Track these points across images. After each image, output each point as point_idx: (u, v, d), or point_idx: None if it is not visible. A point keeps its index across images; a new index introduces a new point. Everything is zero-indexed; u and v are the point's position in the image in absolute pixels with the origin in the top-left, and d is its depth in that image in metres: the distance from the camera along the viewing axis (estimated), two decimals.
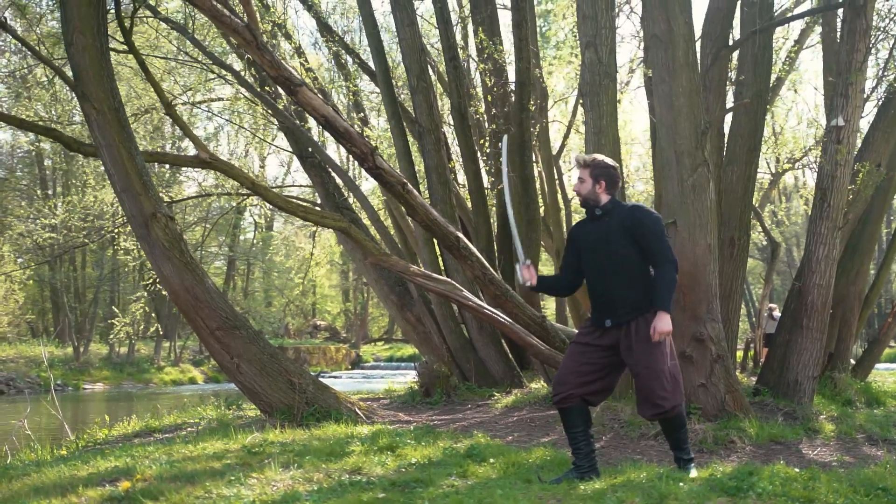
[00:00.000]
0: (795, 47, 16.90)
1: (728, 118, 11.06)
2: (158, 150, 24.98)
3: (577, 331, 5.93)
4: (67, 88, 14.21)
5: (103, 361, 32.59)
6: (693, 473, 5.43)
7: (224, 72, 15.06)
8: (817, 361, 9.20)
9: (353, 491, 4.90)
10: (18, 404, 20.80)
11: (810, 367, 9.11)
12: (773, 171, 21.47)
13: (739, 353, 13.87)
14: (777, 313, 15.62)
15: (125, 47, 9.67)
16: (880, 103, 10.88)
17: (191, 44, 14.71)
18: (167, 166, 30.01)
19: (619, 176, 5.70)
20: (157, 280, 9.08)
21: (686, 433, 5.68)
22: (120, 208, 12.42)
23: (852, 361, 12.37)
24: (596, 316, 5.64)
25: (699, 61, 9.13)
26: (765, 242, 28.46)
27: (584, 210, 5.79)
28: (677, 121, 8.19)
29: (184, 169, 30.83)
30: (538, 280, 5.89)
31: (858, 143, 10.42)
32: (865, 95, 9.57)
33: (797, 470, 5.59)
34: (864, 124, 11.25)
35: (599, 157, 5.71)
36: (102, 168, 9.44)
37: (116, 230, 18.71)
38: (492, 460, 6.01)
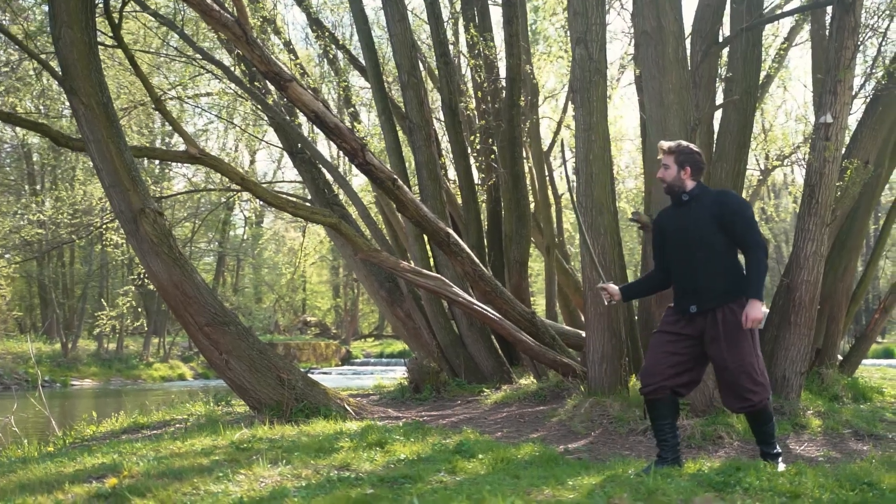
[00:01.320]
0: (785, 44, 16.97)
1: (717, 115, 11.08)
2: (147, 145, 24.94)
3: (659, 322, 5.83)
4: (55, 83, 14.15)
5: (91, 357, 32.46)
6: (781, 468, 5.43)
7: (213, 67, 15.02)
8: (805, 357, 9.23)
9: (342, 487, 4.90)
10: (6, 400, 20.72)
11: (798, 362, 9.14)
12: (763, 167, 21.54)
13: None
14: (765, 309, 15.66)
15: (113, 42, 9.64)
16: (868, 100, 10.91)
17: (180, 38, 14.68)
18: (156, 162, 29.97)
19: (704, 162, 5.64)
20: (146, 276, 9.05)
21: (773, 427, 5.66)
22: (108, 203, 12.37)
23: (840, 357, 12.40)
24: (680, 303, 5.57)
25: (689, 58, 9.16)
26: None
27: (668, 197, 5.73)
28: (667, 117, 8.21)
29: (173, 164, 30.79)
30: (624, 291, 5.90)
31: (847, 140, 10.45)
32: (854, 92, 9.58)
33: (784, 465, 5.61)
34: (853, 121, 11.28)
35: (684, 143, 5.67)
36: (91, 163, 9.41)
37: (105, 226, 18.65)
38: (481, 456, 6.01)
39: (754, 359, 5.41)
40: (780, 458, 5.63)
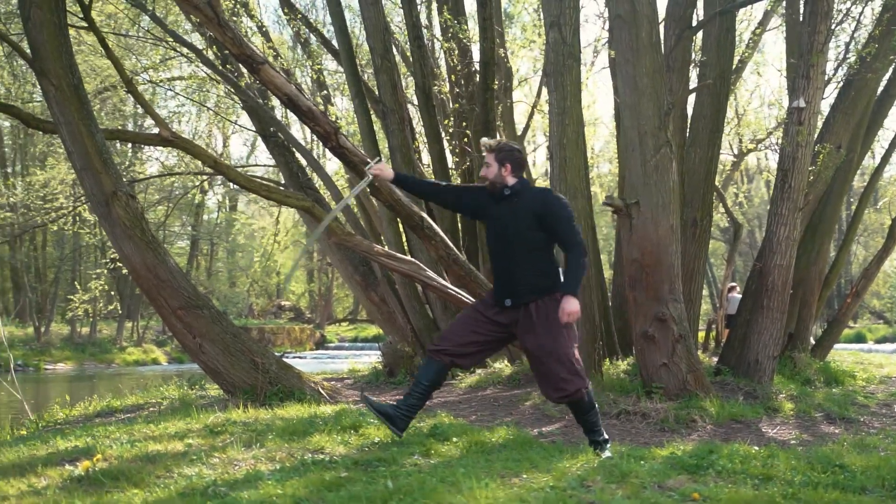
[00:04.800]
0: (759, 29, 17.00)
1: (691, 99, 11.11)
2: (120, 127, 24.73)
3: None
4: (26, 65, 14.00)
5: (65, 342, 32.27)
6: (607, 454, 5.46)
7: (185, 49, 14.89)
8: (777, 341, 9.30)
9: (316, 470, 4.89)
10: None
11: (770, 346, 9.21)
12: (736, 152, 21.62)
13: (702, 334, 14.00)
14: (736, 294, 15.75)
15: (84, 23, 9.55)
16: (841, 85, 10.97)
17: (151, 20, 14.54)
18: (129, 145, 29.71)
19: (524, 159, 5.74)
20: (119, 259, 9.00)
21: (596, 415, 5.70)
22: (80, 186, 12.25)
23: (812, 341, 12.51)
24: (497, 293, 5.66)
25: (663, 42, 9.16)
26: (727, 223, 28.71)
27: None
28: (640, 101, 8.21)
29: (146, 148, 30.55)
30: (395, 173, 5.93)
31: (819, 124, 10.51)
32: (826, 77, 9.64)
33: (756, 448, 5.66)
34: (826, 106, 11.34)
35: (504, 140, 5.79)
36: (62, 146, 9.33)
37: (77, 209, 18.48)
38: (455, 439, 6.01)
39: (570, 350, 5.46)
40: (607, 445, 5.65)
